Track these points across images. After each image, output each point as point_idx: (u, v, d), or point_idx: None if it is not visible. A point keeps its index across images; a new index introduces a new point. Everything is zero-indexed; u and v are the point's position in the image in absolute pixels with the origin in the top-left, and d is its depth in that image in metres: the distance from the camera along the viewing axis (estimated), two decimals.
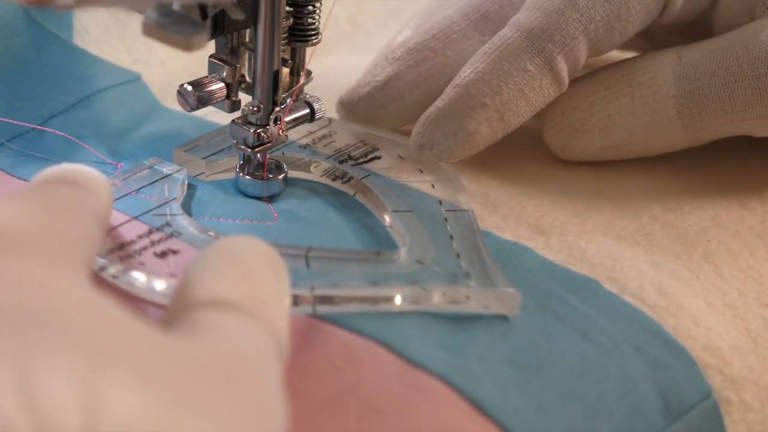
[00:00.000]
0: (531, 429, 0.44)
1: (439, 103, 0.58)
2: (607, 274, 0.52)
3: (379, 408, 0.42)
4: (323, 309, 0.48)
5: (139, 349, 0.33)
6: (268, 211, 0.56)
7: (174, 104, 0.66)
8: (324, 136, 0.61)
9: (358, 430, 0.41)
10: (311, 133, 0.61)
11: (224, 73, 0.56)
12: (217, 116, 0.64)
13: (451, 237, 0.53)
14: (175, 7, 0.50)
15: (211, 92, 0.56)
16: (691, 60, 0.57)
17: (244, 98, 0.57)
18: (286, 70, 0.57)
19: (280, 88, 0.56)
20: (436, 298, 0.49)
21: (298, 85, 0.58)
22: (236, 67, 0.56)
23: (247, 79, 0.57)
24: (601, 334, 0.48)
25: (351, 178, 0.58)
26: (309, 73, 0.59)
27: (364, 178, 0.57)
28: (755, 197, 0.59)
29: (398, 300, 0.49)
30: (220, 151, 0.59)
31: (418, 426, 0.42)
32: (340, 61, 0.72)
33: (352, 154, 0.60)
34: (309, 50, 0.58)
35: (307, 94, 0.59)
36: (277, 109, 0.56)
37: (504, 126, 0.57)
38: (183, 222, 0.53)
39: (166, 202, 0.54)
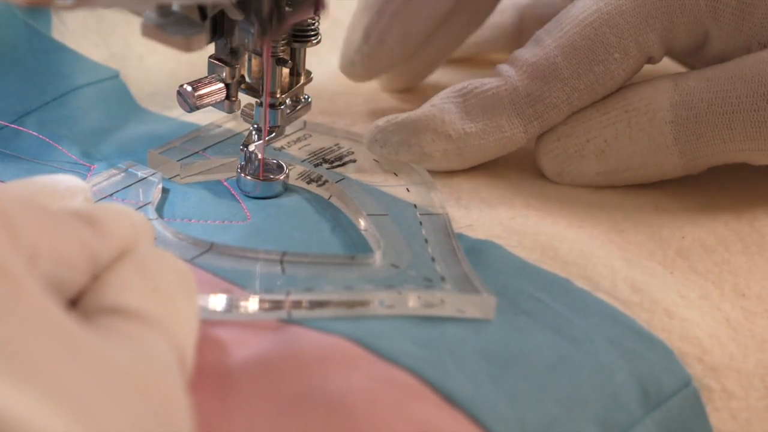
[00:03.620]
0: (503, 419, 0.44)
1: (412, 113, 0.58)
2: (579, 272, 0.52)
3: (347, 403, 0.42)
4: (298, 314, 0.48)
5: (55, 358, 0.34)
6: (241, 212, 0.56)
7: (150, 104, 0.66)
8: (299, 139, 0.61)
9: (326, 426, 0.42)
10: (286, 135, 0.61)
11: (224, 74, 0.56)
12: (192, 117, 0.63)
13: (426, 241, 0.53)
14: (175, 7, 0.50)
15: (211, 92, 0.56)
16: (688, 87, 0.57)
17: (244, 99, 0.58)
18: (286, 71, 0.57)
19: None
20: (411, 302, 0.49)
21: (298, 85, 0.58)
22: (236, 68, 0.56)
23: (247, 79, 0.57)
24: (573, 330, 0.49)
25: (326, 181, 0.58)
26: (309, 73, 0.59)
27: (339, 181, 0.57)
28: (728, 196, 0.59)
29: (373, 304, 0.49)
30: (195, 154, 0.59)
31: (386, 419, 0.42)
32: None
33: (327, 157, 0.60)
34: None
35: (306, 94, 0.59)
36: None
37: (461, 161, 0.59)
38: (158, 227, 0.53)
39: (141, 207, 0.54)
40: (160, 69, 0.69)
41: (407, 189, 0.57)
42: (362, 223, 0.55)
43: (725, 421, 0.49)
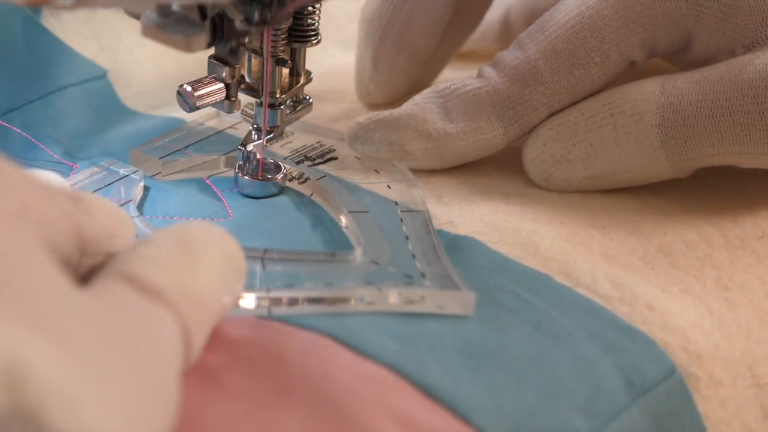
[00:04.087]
0: (483, 410, 0.44)
1: (393, 111, 0.59)
2: (560, 268, 0.52)
3: (327, 397, 0.43)
4: (278, 311, 0.48)
5: (61, 312, 0.35)
6: (223, 210, 0.56)
7: (136, 104, 0.66)
8: (281, 137, 0.61)
9: (306, 419, 0.42)
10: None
11: (224, 74, 0.56)
12: (177, 116, 0.64)
13: (407, 238, 0.53)
14: (175, 7, 0.49)
15: (211, 93, 0.56)
16: (675, 90, 0.56)
17: (244, 99, 0.58)
18: (285, 71, 0.58)
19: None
20: (392, 299, 0.49)
21: (298, 85, 0.58)
22: (236, 68, 0.56)
23: (247, 79, 0.57)
24: (553, 324, 0.49)
25: (307, 178, 0.58)
26: (308, 73, 0.59)
27: (320, 179, 0.58)
28: (711, 193, 0.60)
29: (353, 301, 0.49)
30: (177, 151, 0.59)
31: (366, 412, 0.42)
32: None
33: (309, 154, 0.60)
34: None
35: (307, 95, 0.59)
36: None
37: (441, 161, 0.59)
38: (139, 224, 0.53)
39: (123, 204, 0.54)
40: (148, 64, 0.69)
41: (388, 186, 0.57)
42: (343, 220, 0.55)
43: (714, 409, 0.49)
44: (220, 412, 0.42)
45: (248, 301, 0.48)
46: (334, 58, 0.66)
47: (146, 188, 0.57)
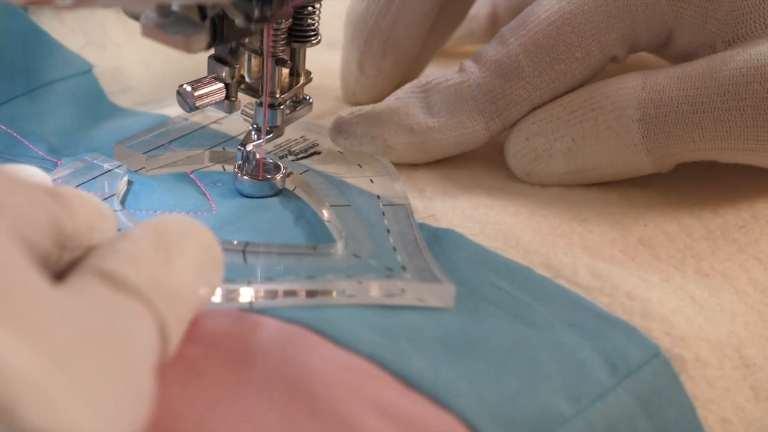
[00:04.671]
0: (463, 396, 0.44)
1: (376, 105, 0.59)
2: (541, 260, 0.53)
3: (307, 387, 0.43)
4: (260, 303, 0.48)
5: (34, 309, 0.36)
6: (206, 204, 0.56)
7: (121, 100, 0.66)
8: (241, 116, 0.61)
9: (286, 409, 0.42)
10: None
11: (223, 74, 0.56)
12: (162, 113, 0.64)
13: (388, 231, 0.54)
14: (175, 7, 0.49)
15: (211, 92, 0.56)
16: (657, 85, 0.57)
17: (244, 99, 0.58)
18: (285, 71, 0.58)
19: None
20: (372, 292, 0.49)
21: (298, 85, 0.59)
22: (235, 68, 0.56)
23: (247, 79, 0.57)
24: (533, 315, 0.49)
25: (291, 173, 0.58)
26: (308, 73, 0.59)
27: (303, 173, 0.58)
28: (692, 186, 0.60)
29: (334, 293, 0.49)
30: (161, 146, 0.59)
31: (346, 402, 0.43)
32: None
33: (293, 149, 0.60)
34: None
35: (307, 95, 0.60)
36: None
37: (423, 155, 0.59)
38: (123, 218, 0.53)
39: (106, 198, 0.55)
40: (134, 59, 0.69)
41: (371, 180, 0.58)
42: (325, 214, 0.55)
43: (703, 389, 0.49)
44: (200, 402, 0.43)
45: (229, 293, 0.48)
46: (317, 55, 0.66)
47: (130, 182, 0.57)
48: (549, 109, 0.58)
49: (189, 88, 0.56)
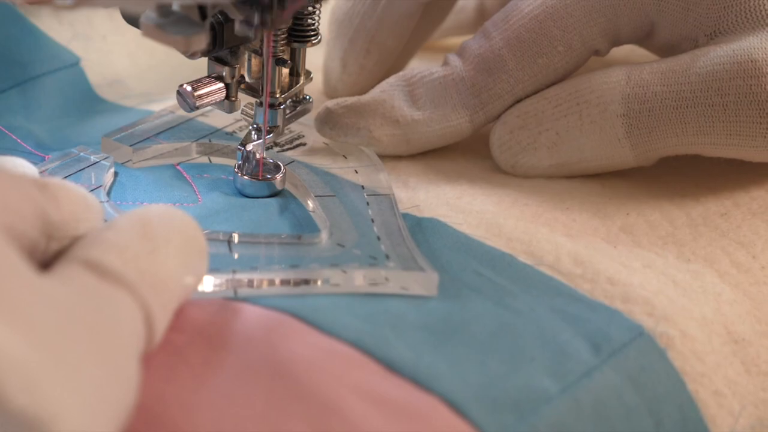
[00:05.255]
0: (446, 379, 0.45)
1: (361, 97, 0.60)
2: (523, 248, 0.53)
3: (291, 372, 0.43)
4: (244, 292, 0.49)
5: (20, 295, 0.36)
6: (192, 195, 0.57)
7: (108, 93, 0.67)
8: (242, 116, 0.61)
9: (271, 393, 0.43)
10: (237, 120, 0.62)
11: (224, 74, 0.56)
12: (148, 108, 0.64)
13: (373, 221, 0.54)
14: (175, 7, 0.50)
15: (211, 92, 0.56)
16: (640, 80, 0.57)
17: (244, 99, 0.58)
18: (285, 71, 0.58)
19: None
20: (356, 280, 0.50)
21: (298, 85, 0.59)
22: (235, 68, 0.56)
23: (247, 79, 0.57)
24: (515, 300, 0.50)
25: (276, 164, 0.59)
26: (308, 73, 0.59)
27: (288, 164, 0.58)
28: (675, 176, 0.60)
29: (319, 282, 0.50)
30: (148, 139, 0.60)
31: (329, 386, 0.43)
32: None
33: (278, 140, 0.60)
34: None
35: (307, 95, 0.60)
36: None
37: (408, 147, 0.60)
38: (109, 209, 0.54)
39: (93, 190, 0.55)
40: (121, 52, 0.70)
41: (355, 171, 0.58)
42: (310, 204, 0.56)
43: (693, 363, 0.49)
44: (185, 387, 0.43)
45: (214, 282, 0.49)
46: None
47: (116, 174, 0.58)
48: (534, 103, 0.59)
49: (189, 88, 0.56)
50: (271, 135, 0.58)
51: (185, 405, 0.42)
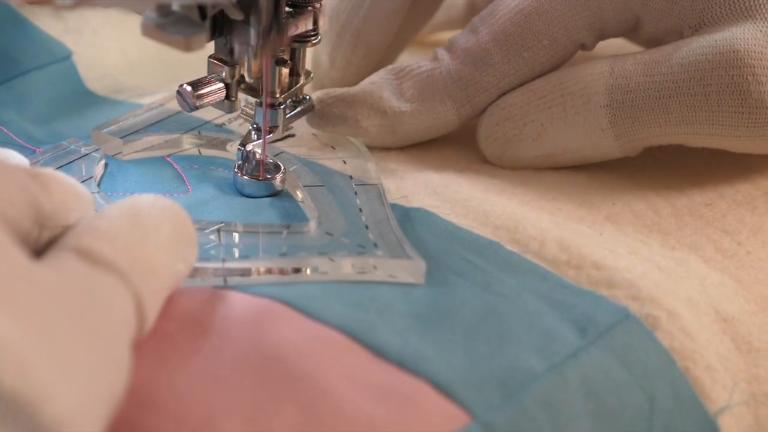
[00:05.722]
0: (432, 362, 0.45)
1: (350, 88, 0.60)
2: (509, 236, 0.54)
3: (280, 356, 0.44)
4: (234, 281, 0.49)
5: (12, 280, 0.37)
6: (183, 186, 0.57)
7: (99, 87, 0.67)
8: (239, 116, 0.62)
9: (260, 377, 0.43)
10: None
11: (224, 74, 0.56)
12: (138, 102, 0.65)
13: (361, 210, 0.55)
14: (175, 7, 0.50)
15: (211, 92, 0.56)
16: (624, 71, 0.58)
17: (244, 99, 0.58)
18: (285, 71, 0.58)
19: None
20: (345, 269, 0.50)
21: (298, 85, 0.59)
22: (235, 68, 0.56)
23: (247, 79, 0.57)
24: (501, 286, 0.50)
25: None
26: (308, 73, 0.60)
27: (277, 155, 0.59)
28: (661, 168, 0.61)
29: (308, 270, 0.50)
30: (138, 131, 0.60)
31: (318, 369, 0.44)
32: None
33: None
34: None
35: (306, 95, 0.60)
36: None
37: (395, 138, 0.60)
38: (100, 200, 0.54)
39: (84, 181, 0.56)
40: (111, 45, 0.70)
41: (344, 161, 0.59)
42: (299, 194, 0.56)
43: (682, 340, 0.50)
44: (176, 372, 0.44)
45: (205, 271, 0.49)
46: None
47: (107, 166, 0.58)
48: (519, 95, 0.60)
49: (189, 88, 0.56)
50: (271, 135, 0.58)
51: (176, 390, 0.43)
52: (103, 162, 0.58)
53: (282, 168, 0.57)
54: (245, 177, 0.57)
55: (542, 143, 0.59)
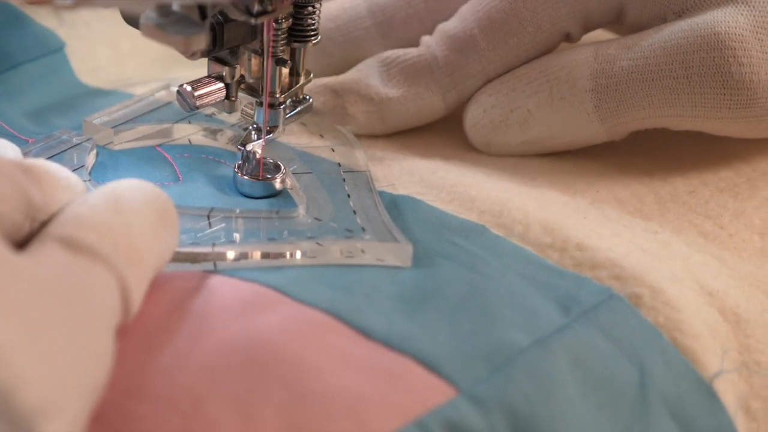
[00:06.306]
0: (417, 340, 0.46)
1: (338, 77, 0.61)
2: (495, 221, 0.54)
3: (266, 339, 0.45)
4: (223, 265, 0.50)
5: None
6: (174, 175, 0.58)
7: (91, 78, 0.68)
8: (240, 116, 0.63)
9: (248, 360, 0.44)
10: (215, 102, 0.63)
11: (223, 74, 0.56)
12: (132, 90, 0.66)
13: (349, 196, 0.55)
14: (175, 7, 0.50)
15: (211, 92, 0.56)
16: (607, 56, 0.58)
17: (244, 99, 0.58)
18: (285, 71, 0.58)
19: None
20: (333, 253, 0.51)
21: (298, 85, 0.59)
22: (235, 68, 0.57)
23: (247, 79, 0.58)
24: (487, 267, 0.51)
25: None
26: (308, 73, 0.60)
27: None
28: (644, 158, 0.62)
29: (297, 255, 0.51)
30: (129, 121, 0.61)
31: (304, 349, 0.44)
32: None
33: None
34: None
35: (306, 95, 0.60)
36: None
37: (383, 125, 0.61)
38: (92, 189, 0.55)
39: (75, 170, 0.56)
40: (103, 38, 0.71)
41: (332, 149, 0.59)
42: (288, 182, 0.57)
43: (667, 313, 0.50)
44: (165, 357, 0.44)
45: (195, 256, 0.50)
46: None
47: (98, 156, 0.59)
48: (505, 81, 0.60)
49: (189, 88, 0.56)
50: (271, 135, 0.58)
51: (163, 374, 0.43)
52: (94, 152, 0.58)
53: (282, 168, 0.57)
54: (245, 177, 0.57)
55: (529, 129, 0.60)
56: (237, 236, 0.52)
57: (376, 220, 0.53)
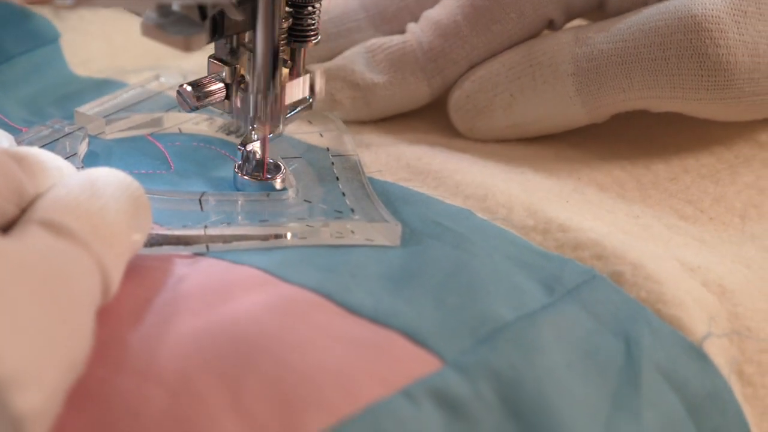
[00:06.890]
0: (403, 316, 0.46)
1: (324, 63, 0.62)
2: (480, 205, 0.55)
3: (254, 317, 0.45)
4: (215, 247, 0.51)
5: None
6: (165, 163, 0.59)
7: (82, 69, 0.69)
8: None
9: (237, 338, 0.44)
10: None
11: (224, 74, 0.57)
12: (124, 79, 0.66)
13: (338, 178, 0.56)
14: (175, 7, 0.50)
15: (211, 92, 0.56)
16: (588, 40, 0.59)
17: None
18: (286, 71, 0.58)
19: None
20: (323, 233, 0.52)
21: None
22: (235, 68, 0.56)
23: (247, 79, 0.57)
24: (473, 246, 0.51)
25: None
26: (308, 73, 0.60)
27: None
28: (626, 145, 0.62)
29: (288, 236, 0.52)
30: (120, 111, 0.62)
31: (292, 327, 0.45)
32: None
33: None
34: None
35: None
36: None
37: (369, 111, 0.62)
38: None
39: (68, 158, 0.57)
40: (96, 30, 0.71)
41: (320, 135, 0.60)
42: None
43: (649, 287, 0.50)
44: (152, 334, 0.45)
45: (187, 238, 0.51)
46: None
47: (90, 145, 0.60)
48: (488, 66, 0.61)
49: (189, 89, 0.56)
50: (271, 135, 0.58)
51: (151, 351, 0.44)
52: (86, 141, 0.59)
53: (282, 168, 0.57)
54: (245, 177, 0.57)
55: (512, 113, 0.61)
56: (228, 219, 0.52)
57: (364, 200, 0.54)
